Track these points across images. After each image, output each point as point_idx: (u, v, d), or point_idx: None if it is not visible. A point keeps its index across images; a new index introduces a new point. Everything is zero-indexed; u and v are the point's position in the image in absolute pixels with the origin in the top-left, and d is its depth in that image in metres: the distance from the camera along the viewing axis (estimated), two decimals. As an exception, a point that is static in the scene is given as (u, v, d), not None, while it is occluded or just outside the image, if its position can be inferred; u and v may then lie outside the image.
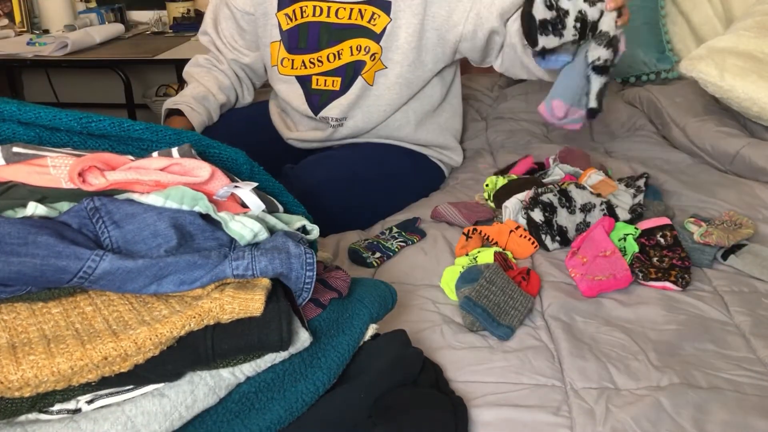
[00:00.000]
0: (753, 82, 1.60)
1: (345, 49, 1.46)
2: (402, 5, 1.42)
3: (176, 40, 2.75)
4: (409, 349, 0.88)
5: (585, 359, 0.95)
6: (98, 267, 0.68)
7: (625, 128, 1.89)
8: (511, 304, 1.05)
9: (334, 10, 1.45)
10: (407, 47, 1.44)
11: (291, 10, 1.48)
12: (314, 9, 1.46)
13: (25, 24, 2.93)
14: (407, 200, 1.52)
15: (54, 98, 3.14)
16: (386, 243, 1.29)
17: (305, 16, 1.47)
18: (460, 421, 0.82)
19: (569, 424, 0.84)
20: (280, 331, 0.72)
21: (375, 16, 1.43)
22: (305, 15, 1.47)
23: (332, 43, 1.46)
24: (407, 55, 1.45)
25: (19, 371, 0.62)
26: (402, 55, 1.45)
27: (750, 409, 0.85)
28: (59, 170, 0.74)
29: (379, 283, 0.97)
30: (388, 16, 1.43)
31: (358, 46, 1.45)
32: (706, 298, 1.11)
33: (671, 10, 2.17)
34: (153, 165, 0.77)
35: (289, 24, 1.49)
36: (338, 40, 1.45)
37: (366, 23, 1.44)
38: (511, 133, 1.88)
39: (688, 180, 1.53)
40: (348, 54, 1.46)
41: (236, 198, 0.84)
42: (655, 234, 1.23)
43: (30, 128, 0.78)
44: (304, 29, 1.48)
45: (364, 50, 1.45)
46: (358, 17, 1.44)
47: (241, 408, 0.75)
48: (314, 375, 0.79)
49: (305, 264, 0.77)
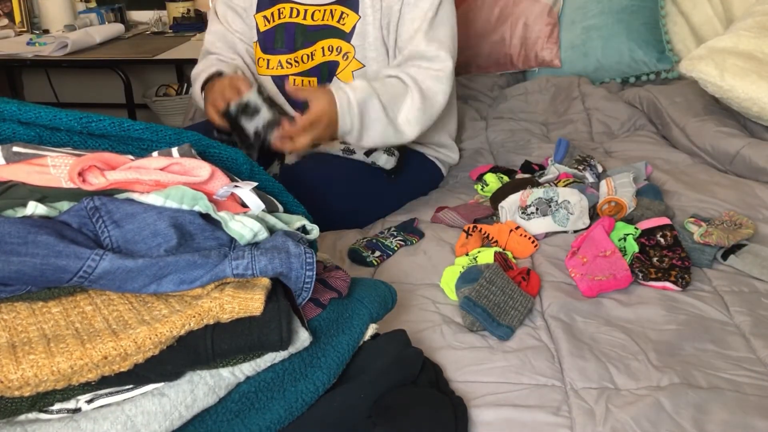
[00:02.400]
0: (753, 82, 1.60)
1: (317, 50, 1.47)
2: (367, 2, 1.43)
3: (176, 40, 2.75)
4: (409, 349, 0.88)
5: (585, 359, 0.95)
6: (98, 266, 0.68)
7: (625, 128, 1.89)
8: (511, 304, 1.05)
9: (310, 13, 1.47)
10: (378, 43, 1.45)
11: (269, 12, 1.49)
12: (291, 11, 1.48)
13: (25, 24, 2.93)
14: (406, 199, 1.53)
15: (54, 98, 3.14)
16: (385, 241, 1.29)
17: (282, 17, 1.49)
18: (460, 421, 0.82)
19: (569, 424, 0.84)
20: (280, 330, 0.72)
21: (344, 16, 1.44)
22: (282, 16, 1.49)
23: (306, 44, 1.48)
24: (380, 51, 1.46)
25: (19, 370, 0.62)
26: (376, 51, 1.45)
27: (750, 409, 0.85)
28: (59, 170, 0.74)
29: (379, 283, 0.97)
30: (357, 14, 1.44)
31: (330, 47, 1.46)
32: (706, 298, 1.11)
33: (671, 10, 2.17)
34: (153, 165, 0.77)
35: (267, 25, 1.51)
36: (312, 41, 1.47)
37: (336, 23, 1.45)
38: (511, 133, 1.88)
39: (688, 180, 1.52)
40: (320, 55, 1.47)
41: (236, 198, 0.84)
42: (655, 234, 1.23)
43: (30, 128, 0.78)
44: (280, 30, 1.49)
45: (336, 50, 1.46)
46: (329, 18, 1.45)
47: (240, 408, 0.75)
48: (314, 375, 0.79)
49: (305, 264, 0.77)
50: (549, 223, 1.29)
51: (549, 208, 1.29)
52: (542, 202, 1.29)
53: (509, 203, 1.31)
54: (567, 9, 2.18)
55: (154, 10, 3.01)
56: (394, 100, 1.35)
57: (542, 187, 1.36)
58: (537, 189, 1.32)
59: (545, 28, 2.15)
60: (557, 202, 1.29)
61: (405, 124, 1.37)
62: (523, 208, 1.29)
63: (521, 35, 2.16)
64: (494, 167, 1.63)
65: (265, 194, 0.88)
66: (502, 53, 2.20)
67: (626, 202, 1.32)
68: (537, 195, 1.30)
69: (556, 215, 1.29)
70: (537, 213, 1.29)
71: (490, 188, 1.49)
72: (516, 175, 1.55)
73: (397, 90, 1.37)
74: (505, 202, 1.31)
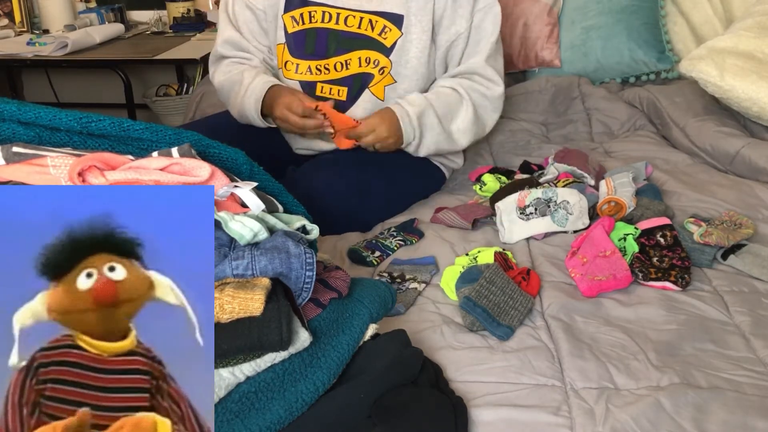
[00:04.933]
0: (753, 82, 1.60)
1: (353, 60, 1.44)
2: (413, 20, 1.42)
3: (176, 40, 2.75)
4: (409, 349, 0.88)
5: (585, 359, 0.95)
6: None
7: (625, 128, 1.89)
8: (511, 304, 1.05)
9: (343, 18, 1.43)
10: (417, 63, 1.44)
11: (298, 14, 1.45)
12: (323, 15, 1.43)
13: (25, 24, 2.93)
14: (408, 203, 1.52)
15: (54, 98, 3.14)
16: (384, 241, 1.29)
17: (314, 21, 1.44)
18: (460, 421, 0.82)
19: (569, 424, 0.84)
20: (280, 330, 0.73)
21: (386, 30, 1.42)
22: (314, 20, 1.44)
23: (340, 51, 1.44)
24: (417, 71, 1.45)
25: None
26: (412, 70, 1.45)
27: (750, 409, 0.85)
28: (59, 170, 0.74)
29: (379, 283, 0.97)
30: (399, 30, 1.42)
31: (367, 58, 1.44)
32: (706, 298, 1.11)
33: (671, 10, 2.17)
34: (153, 165, 0.77)
35: (295, 27, 1.46)
36: (347, 49, 1.44)
37: (376, 36, 1.43)
38: (511, 133, 1.88)
39: (688, 180, 1.52)
40: (356, 65, 1.44)
41: (236, 198, 0.84)
42: (655, 234, 1.23)
43: (30, 128, 0.78)
44: (311, 34, 1.45)
45: (373, 63, 1.44)
46: (369, 28, 1.43)
47: (241, 408, 0.75)
48: (314, 375, 0.79)
49: (305, 264, 0.77)
50: (548, 224, 1.29)
51: (548, 208, 1.29)
52: (541, 203, 1.29)
53: (506, 204, 1.30)
54: (567, 9, 2.18)
55: (154, 10, 3.01)
56: (448, 109, 1.45)
57: (541, 187, 1.36)
58: (536, 189, 1.32)
59: (545, 28, 2.15)
60: (556, 202, 1.29)
61: (458, 133, 1.48)
62: (521, 209, 1.29)
63: (521, 35, 2.16)
64: (493, 168, 1.63)
65: (265, 194, 0.88)
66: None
67: (626, 201, 1.32)
68: (536, 195, 1.30)
69: (555, 215, 1.29)
70: (536, 213, 1.29)
71: (488, 188, 1.49)
72: (515, 175, 1.55)
73: (451, 100, 1.46)
74: (501, 203, 1.31)
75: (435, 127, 1.43)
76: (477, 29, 1.46)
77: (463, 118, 1.46)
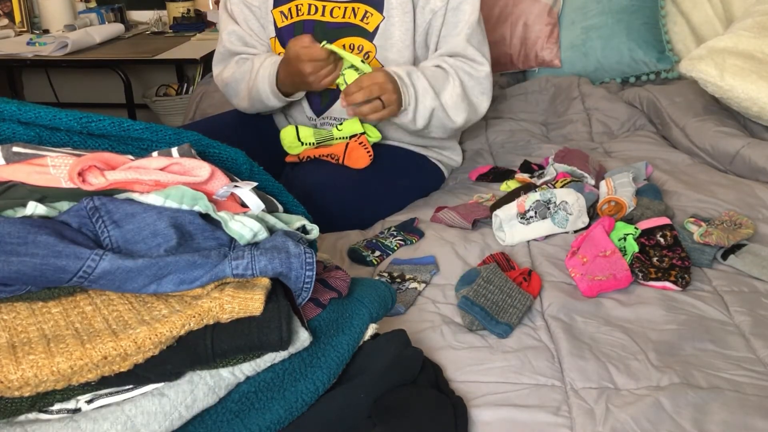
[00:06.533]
0: (753, 82, 1.60)
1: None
2: (393, 2, 1.43)
3: (176, 40, 2.75)
4: (409, 349, 0.88)
5: (585, 359, 0.95)
6: (98, 266, 0.68)
7: (625, 128, 1.89)
8: (510, 302, 1.05)
9: (329, 9, 1.46)
10: (401, 45, 1.45)
11: (287, 8, 1.49)
12: (309, 7, 1.47)
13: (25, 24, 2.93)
14: (407, 201, 1.52)
15: (54, 98, 3.14)
16: (385, 241, 1.29)
17: (300, 14, 1.48)
18: (460, 421, 0.82)
19: (569, 424, 0.84)
20: (280, 330, 0.72)
21: (368, 15, 1.44)
22: (300, 13, 1.48)
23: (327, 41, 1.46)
24: (402, 53, 1.45)
25: (19, 371, 0.62)
26: (397, 53, 1.45)
27: (750, 409, 0.85)
28: (59, 170, 0.74)
29: (379, 283, 0.97)
30: (381, 14, 1.43)
31: (351, 45, 1.45)
32: (706, 298, 1.11)
33: (671, 10, 2.17)
34: (153, 165, 0.77)
35: (284, 21, 1.49)
36: (333, 39, 1.45)
37: (359, 22, 1.44)
38: (511, 133, 1.88)
39: (688, 180, 1.52)
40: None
41: (236, 198, 0.84)
42: (655, 234, 1.23)
43: (30, 128, 0.78)
44: (299, 27, 1.48)
45: (357, 49, 1.46)
46: (352, 16, 1.45)
47: (240, 408, 0.75)
48: (314, 375, 0.79)
49: (305, 264, 0.77)
50: (549, 226, 1.29)
51: (548, 210, 1.29)
52: (540, 205, 1.29)
53: (505, 212, 1.30)
54: (567, 9, 2.18)
55: (154, 10, 3.01)
56: (435, 81, 1.43)
57: (539, 189, 1.35)
58: (533, 192, 1.32)
59: (545, 28, 2.15)
60: (555, 203, 1.29)
61: (450, 106, 1.45)
62: (522, 214, 1.29)
63: (521, 35, 2.16)
64: (493, 168, 1.63)
65: (265, 194, 0.88)
66: (502, 53, 2.20)
67: (626, 201, 1.32)
68: (534, 198, 1.29)
69: (555, 217, 1.29)
70: (536, 216, 1.29)
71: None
72: (515, 175, 1.55)
73: (437, 74, 1.44)
74: (500, 211, 1.30)
75: (428, 90, 1.40)
76: (455, 11, 1.45)
77: (450, 93, 1.44)
